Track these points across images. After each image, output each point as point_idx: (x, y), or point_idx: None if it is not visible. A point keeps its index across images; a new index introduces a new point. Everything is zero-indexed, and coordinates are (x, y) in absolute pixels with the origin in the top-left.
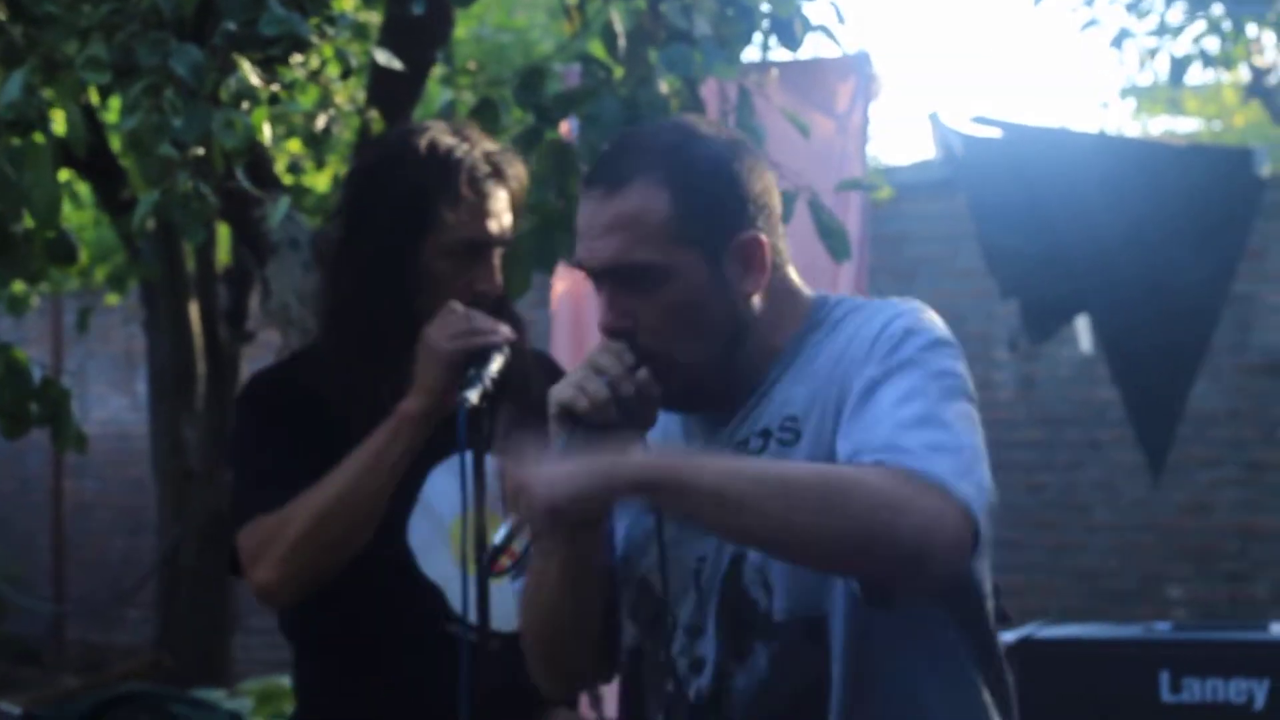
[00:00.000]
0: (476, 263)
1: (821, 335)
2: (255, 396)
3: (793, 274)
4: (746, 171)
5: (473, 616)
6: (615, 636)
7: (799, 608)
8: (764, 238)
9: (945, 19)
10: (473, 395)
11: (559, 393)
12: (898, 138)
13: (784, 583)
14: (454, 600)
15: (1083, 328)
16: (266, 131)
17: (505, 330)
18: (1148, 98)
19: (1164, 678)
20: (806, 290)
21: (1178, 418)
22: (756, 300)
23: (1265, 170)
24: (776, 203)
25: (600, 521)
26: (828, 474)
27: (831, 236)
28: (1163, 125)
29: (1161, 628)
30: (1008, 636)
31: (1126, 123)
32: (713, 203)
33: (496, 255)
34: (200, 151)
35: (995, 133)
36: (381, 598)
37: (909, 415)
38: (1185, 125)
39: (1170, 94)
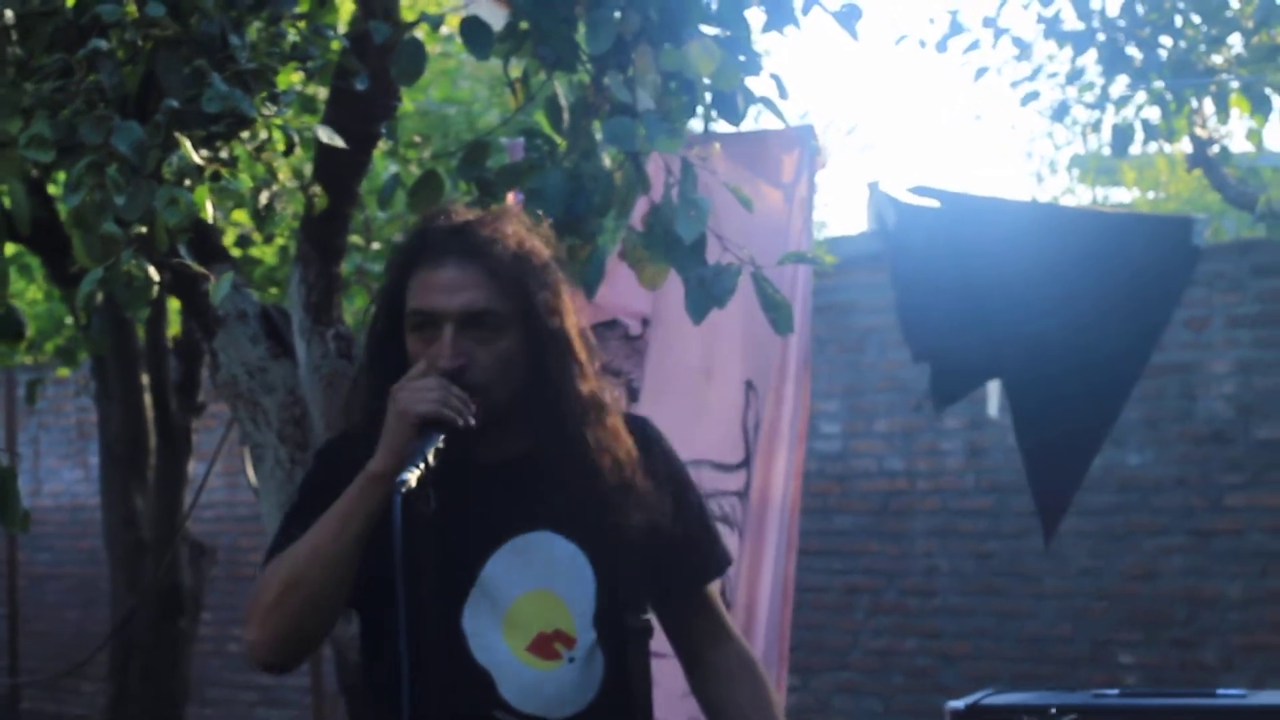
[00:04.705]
0: (436, 336)
1: None
2: (319, 455)
3: None
4: None
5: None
6: None
7: None
8: None
9: (890, 92)
10: (411, 477)
11: None
12: (845, 208)
13: None
14: (502, 686)
15: (993, 392)
16: (209, 209)
17: (459, 405)
18: (1083, 168)
19: None
20: None
21: (1077, 485)
22: None
23: (1203, 240)
24: None
25: None
26: None
27: (775, 309)
28: (1101, 196)
29: (1109, 694)
30: (957, 703)
31: (1065, 194)
32: None
33: (453, 329)
34: (143, 229)
35: (933, 203)
36: (432, 680)
37: None
38: (1123, 196)
39: (1105, 162)
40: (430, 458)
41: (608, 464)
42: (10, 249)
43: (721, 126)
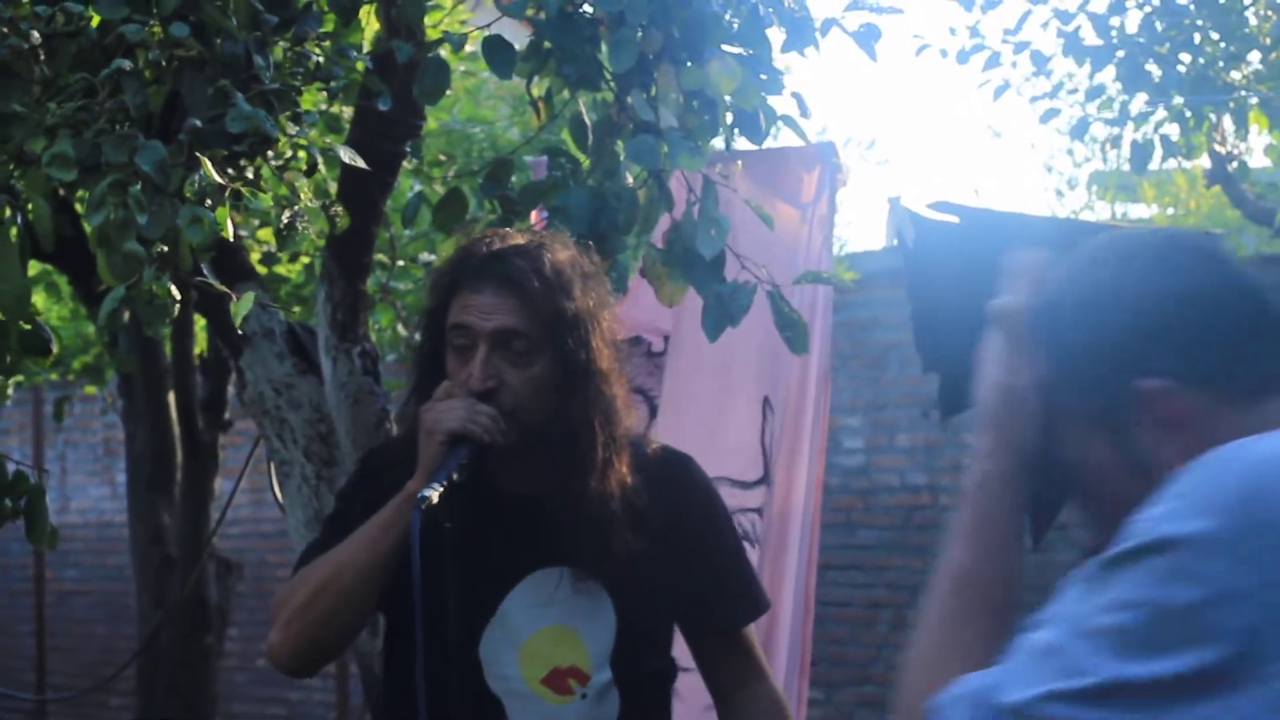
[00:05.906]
0: (471, 356)
1: None
2: (362, 462)
3: None
4: None
5: None
6: None
7: None
8: None
9: (908, 106)
10: (432, 494)
11: None
12: (865, 223)
13: None
14: (512, 716)
15: None
16: (230, 228)
17: (486, 422)
18: (1103, 184)
19: None
20: None
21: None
22: None
23: None
24: None
25: None
26: None
27: (790, 329)
28: (1120, 212)
29: None
30: None
31: (1084, 210)
32: None
33: (487, 349)
34: (165, 248)
35: (953, 218)
36: (446, 706)
37: None
38: (1143, 212)
39: (1124, 178)
40: (455, 474)
41: (618, 504)
42: (38, 267)
43: (743, 144)
